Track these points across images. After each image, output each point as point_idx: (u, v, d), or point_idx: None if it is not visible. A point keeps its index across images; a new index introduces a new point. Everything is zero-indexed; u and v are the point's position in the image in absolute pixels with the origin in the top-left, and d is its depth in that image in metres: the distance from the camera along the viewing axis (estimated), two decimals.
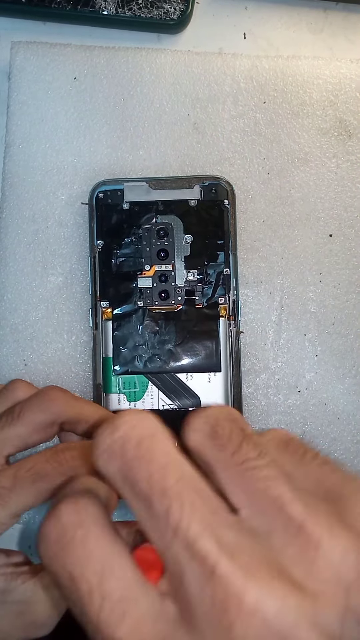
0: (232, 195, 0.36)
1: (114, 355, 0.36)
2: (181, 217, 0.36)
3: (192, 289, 0.36)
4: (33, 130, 0.38)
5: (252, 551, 0.15)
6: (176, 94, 0.38)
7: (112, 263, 0.36)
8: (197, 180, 0.36)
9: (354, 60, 0.38)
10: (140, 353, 0.36)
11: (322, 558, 0.14)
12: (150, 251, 0.36)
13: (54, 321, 0.38)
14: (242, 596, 0.14)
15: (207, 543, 0.14)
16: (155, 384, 0.36)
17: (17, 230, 0.38)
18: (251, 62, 0.38)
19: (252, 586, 0.14)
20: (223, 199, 0.36)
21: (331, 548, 0.15)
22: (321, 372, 0.37)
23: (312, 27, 0.40)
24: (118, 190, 0.36)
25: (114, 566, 0.15)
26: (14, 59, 0.38)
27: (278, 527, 0.15)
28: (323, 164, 0.38)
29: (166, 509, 0.15)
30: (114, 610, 0.15)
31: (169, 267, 0.36)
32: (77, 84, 0.38)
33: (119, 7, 0.38)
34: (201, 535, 0.14)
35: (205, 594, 0.14)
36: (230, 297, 0.36)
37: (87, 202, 0.37)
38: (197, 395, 0.35)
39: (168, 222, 0.36)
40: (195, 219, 0.36)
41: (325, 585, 0.14)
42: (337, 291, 0.37)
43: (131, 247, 0.36)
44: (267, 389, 0.37)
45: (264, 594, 0.14)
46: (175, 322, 0.36)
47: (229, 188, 0.36)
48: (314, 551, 0.15)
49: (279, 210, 0.38)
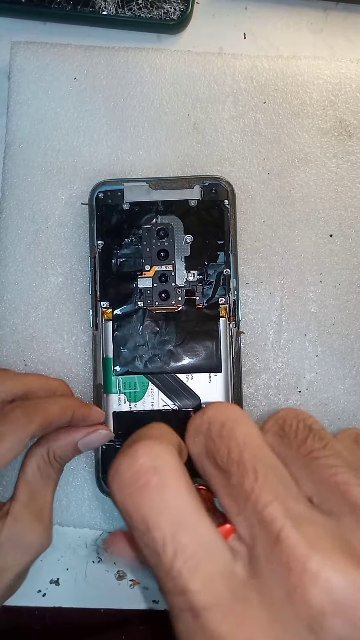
0: (232, 196, 0.36)
1: (114, 356, 0.36)
2: (181, 217, 0.36)
3: (192, 289, 0.36)
4: (33, 130, 0.38)
5: (319, 525, 0.15)
6: (176, 94, 0.38)
7: (112, 263, 0.36)
8: (198, 181, 0.36)
9: (354, 60, 0.38)
10: (141, 353, 0.36)
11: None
12: (151, 251, 0.36)
13: (54, 321, 0.38)
14: (305, 563, 0.14)
15: (275, 510, 0.15)
16: (155, 384, 0.36)
17: (17, 231, 0.38)
18: (251, 62, 0.38)
19: (315, 555, 0.14)
20: (223, 199, 0.36)
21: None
22: (322, 372, 0.37)
23: (312, 27, 0.40)
24: (118, 191, 0.36)
25: (189, 519, 0.16)
26: (14, 59, 0.38)
27: (345, 511, 0.16)
28: (323, 164, 0.38)
29: (241, 478, 0.16)
30: (187, 563, 0.15)
31: (169, 268, 0.36)
32: (77, 84, 0.38)
33: (118, 7, 0.38)
34: (271, 503, 0.15)
35: (272, 558, 0.15)
36: (231, 297, 0.36)
37: (87, 203, 0.37)
38: (198, 395, 0.35)
39: (168, 223, 0.36)
40: (195, 219, 0.36)
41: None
42: (338, 291, 0.37)
43: (131, 248, 0.36)
44: (267, 389, 0.37)
45: (327, 565, 0.14)
46: (176, 322, 0.36)
47: (229, 188, 0.36)
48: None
49: (279, 210, 0.38)
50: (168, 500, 0.16)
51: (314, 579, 0.14)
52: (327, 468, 0.17)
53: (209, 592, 0.15)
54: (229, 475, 0.16)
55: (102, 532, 0.37)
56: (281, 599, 0.14)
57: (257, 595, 0.15)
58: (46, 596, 0.37)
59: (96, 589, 0.37)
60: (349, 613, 0.14)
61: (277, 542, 0.15)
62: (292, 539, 0.15)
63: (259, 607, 0.15)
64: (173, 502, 0.16)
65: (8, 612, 0.33)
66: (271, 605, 0.15)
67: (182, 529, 0.15)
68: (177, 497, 0.16)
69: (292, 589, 0.14)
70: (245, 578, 0.15)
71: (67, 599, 0.37)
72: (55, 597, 0.37)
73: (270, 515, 0.15)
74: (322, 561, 0.14)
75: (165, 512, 0.16)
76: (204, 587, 0.15)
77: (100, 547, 0.37)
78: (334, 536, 0.15)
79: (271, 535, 0.15)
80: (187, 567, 0.15)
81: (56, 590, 0.37)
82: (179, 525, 0.16)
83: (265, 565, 0.15)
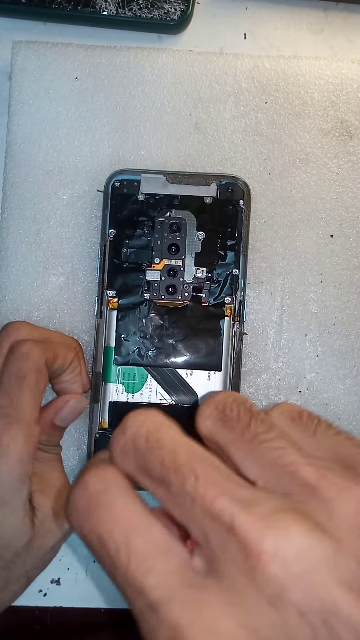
0: (247, 197, 0.36)
1: (115, 345, 0.36)
2: (195, 213, 0.36)
3: (199, 286, 0.36)
4: (34, 130, 0.38)
5: (268, 504, 0.15)
6: (177, 94, 0.38)
7: (122, 253, 0.36)
8: (215, 178, 0.36)
9: (355, 61, 0.38)
10: (143, 345, 0.36)
11: (338, 510, 0.15)
12: (162, 245, 0.36)
13: (55, 321, 0.38)
14: (260, 544, 0.14)
15: (223, 502, 0.15)
16: (154, 377, 0.36)
17: (19, 230, 0.38)
18: (252, 62, 0.38)
19: (269, 533, 0.14)
20: (239, 199, 0.36)
21: (347, 502, 0.15)
22: (322, 372, 0.37)
23: (312, 28, 0.40)
24: (135, 181, 0.36)
25: (139, 526, 0.16)
26: (15, 59, 0.38)
27: (294, 490, 0.16)
28: (324, 165, 0.38)
29: (182, 483, 0.16)
30: (141, 564, 0.15)
31: (179, 262, 0.36)
32: (78, 84, 0.38)
33: (119, 7, 0.38)
34: (217, 497, 0.15)
35: (228, 547, 0.15)
36: (237, 297, 0.36)
37: (103, 190, 0.36)
38: (196, 392, 0.36)
39: (182, 217, 0.36)
40: (209, 217, 0.36)
41: (345, 533, 0.15)
42: (338, 291, 0.38)
43: (142, 239, 0.36)
44: (268, 389, 0.37)
45: (282, 539, 0.14)
46: (180, 317, 0.36)
47: (246, 189, 0.36)
48: (331, 504, 0.15)
49: (280, 210, 0.38)
50: (118, 514, 0.16)
51: (271, 556, 0.14)
52: (274, 450, 0.17)
53: (164, 586, 0.15)
54: (169, 485, 0.16)
55: None
56: (242, 583, 0.15)
57: (216, 584, 0.15)
58: (47, 596, 0.37)
59: (97, 588, 0.37)
60: (307, 581, 0.14)
61: (231, 531, 0.15)
62: (245, 524, 0.15)
63: (219, 594, 0.15)
64: (123, 514, 0.16)
65: (8, 612, 0.33)
66: (232, 590, 0.15)
67: (133, 535, 0.16)
68: (126, 508, 0.17)
69: (251, 570, 0.14)
70: (205, 571, 0.16)
71: (68, 599, 0.37)
72: (56, 596, 0.37)
73: (219, 508, 0.15)
74: (276, 537, 0.14)
75: (116, 524, 0.16)
76: (158, 583, 0.15)
77: None
78: (286, 510, 0.15)
79: (224, 527, 0.15)
80: (142, 568, 0.15)
81: (57, 590, 0.37)
82: (129, 532, 0.16)
83: (222, 556, 0.15)
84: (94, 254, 0.38)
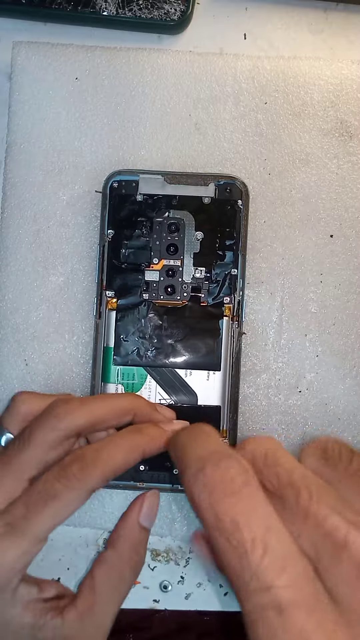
0: (246, 197, 0.36)
1: (115, 345, 0.36)
2: (194, 213, 0.36)
3: (198, 286, 0.36)
4: (34, 130, 0.38)
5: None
6: (177, 95, 0.38)
7: (121, 253, 0.36)
8: (213, 178, 0.36)
9: (355, 61, 0.38)
10: (142, 345, 0.36)
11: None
12: (160, 245, 0.36)
13: (55, 321, 0.38)
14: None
15: (337, 520, 0.16)
16: (153, 377, 0.36)
17: (19, 230, 0.38)
18: (252, 63, 0.38)
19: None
20: (237, 199, 0.36)
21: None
22: (322, 372, 0.37)
23: (312, 28, 0.40)
24: (133, 182, 0.36)
25: (277, 526, 0.17)
26: (15, 59, 0.38)
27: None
28: (324, 165, 0.38)
29: (296, 497, 0.17)
30: (276, 562, 0.16)
31: (177, 263, 0.36)
32: (78, 84, 0.38)
33: (119, 7, 0.38)
34: (330, 514, 0.17)
35: (340, 563, 0.16)
36: (236, 297, 0.36)
37: (101, 191, 0.37)
38: (195, 392, 0.36)
39: (180, 218, 0.36)
40: (207, 217, 0.36)
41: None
42: (338, 292, 0.38)
43: (141, 239, 0.36)
44: (267, 389, 0.37)
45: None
46: (179, 317, 0.36)
47: (244, 189, 0.36)
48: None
49: (280, 210, 0.38)
50: (258, 508, 0.17)
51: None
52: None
53: (296, 588, 0.16)
54: (283, 500, 0.18)
55: (102, 532, 0.37)
56: (356, 603, 0.15)
57: (331, 601, 0.16)
58: None
59: None
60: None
61: (344, 547, 0.16)
62: (358, 541, 0.16)
63: (334, 612, 0.16)
64: (262, 510, 0.17)
65: None
66: (346, 611, 0.16)
67: (271, 532, 0.17)
68: (265, 507, 0.18)
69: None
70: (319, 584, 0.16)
71: None
72: None
73: (333, 525, 0.16)
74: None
75: (256, 516, 0.17)
76: (291, 583, 0.16)
77: (102, 547, 0.38)
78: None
79: (338, 542, 0.16)
80: (277, 564, 0.16)
81: None
82: (268, 528, 0.17)
83: (333, 572, 0.16)
84: (94, 254, 0.38)
